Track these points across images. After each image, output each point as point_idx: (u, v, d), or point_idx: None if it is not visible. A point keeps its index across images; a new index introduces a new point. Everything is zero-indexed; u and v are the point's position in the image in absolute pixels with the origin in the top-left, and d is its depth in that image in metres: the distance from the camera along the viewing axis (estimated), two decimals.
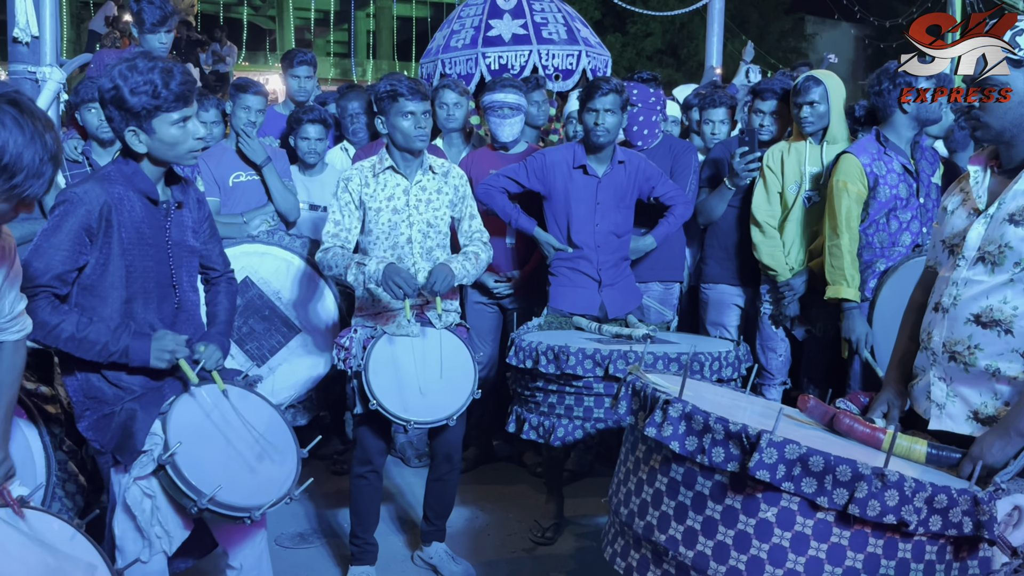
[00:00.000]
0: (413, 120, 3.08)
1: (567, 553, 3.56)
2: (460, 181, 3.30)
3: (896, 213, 3.40)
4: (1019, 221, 1.95)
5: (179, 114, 2.27)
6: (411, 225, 3.18)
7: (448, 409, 3.06)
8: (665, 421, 1.79)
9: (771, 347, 3.90)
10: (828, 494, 1.61)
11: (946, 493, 1.61)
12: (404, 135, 3.10)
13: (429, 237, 3.21)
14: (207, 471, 2.29)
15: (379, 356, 3.04)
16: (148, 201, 2.36)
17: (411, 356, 3.09)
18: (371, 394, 2.98)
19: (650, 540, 1.84)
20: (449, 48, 6.11)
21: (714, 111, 4.37)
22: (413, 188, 3.19)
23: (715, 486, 1.74)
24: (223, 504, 2.29)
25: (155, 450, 2.29)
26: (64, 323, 2.24)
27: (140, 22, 4.19)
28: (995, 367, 1.97)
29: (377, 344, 3.05)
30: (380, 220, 3.16)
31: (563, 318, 3.68)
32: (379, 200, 3.16)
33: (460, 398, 3.09)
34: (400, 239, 3.17)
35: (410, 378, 3.06)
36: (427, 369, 3.09)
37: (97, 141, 3.81)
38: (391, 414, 2.99)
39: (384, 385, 3.01)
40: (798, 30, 23.07)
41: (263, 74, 14.98)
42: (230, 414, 2.45)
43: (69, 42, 10.75)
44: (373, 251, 3.18)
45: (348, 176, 3.18)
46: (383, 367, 3.03)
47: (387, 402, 2.99)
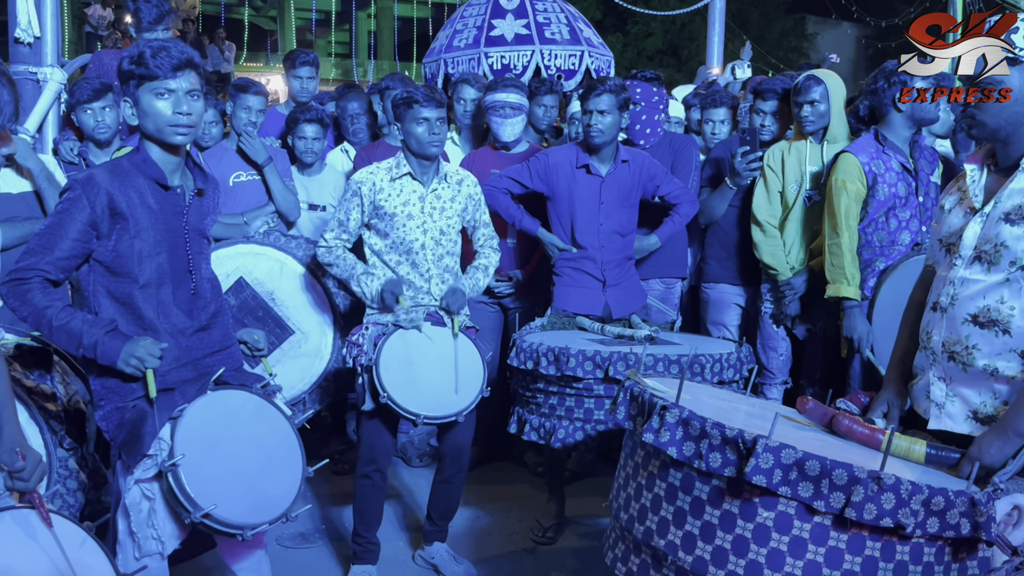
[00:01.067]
0: (427, 126, 3.13)
1: (568, 553, 3.56)
2: (474, 189, 3.37)
3: (895, 212, 3.41)
4: (1014, 220, 1.94)
5: (162, 85, 2.27)
6: (425, 232, 3.22)
7: (457, 406, 3.08)
8: (662, 427, 1.79)
9: (772, 346, 3.91)
10: (825, 498, 1.62)
11: (943, 495, 1.60)
12: (418, 141, 3.14)
13: (441, 244, 3.25)
14: (208, 484, 2.26)
15: (391, 351, 3.06)
16: (159, 187, 2.36)
17: (422, 353, 3.13)
18: (381, 387, 3.00)
19: (649, 545, 1.85)
20: (452, 48, 6.11)
21: (715, 111, 4.37)
22: (429, 196, 3.24)
23: (713, 491, 1.74)
24: (218, 520, 2.26)
25: (159, 455, 2.28)
26: (50, 308, 2.24)
27: (137, 20, 4.20)
28: (993, 367, 1.96)
29: (389, 340, 3.08)
30: (395, 225, 3.20)
31: (566, 318, 3.68)
32: (394, 205, 3.20)
33: (469, 395, 3.12)
34: (414, 245, 3.21)
35: (421, 374, 3.09)
36: (438, 366, 3.12)
37: (94, 142, 3.82)
38: (401, 408, 3.01)
39: (395, 380, 3.03)
40: (799, 30, 23.09)
41: (264, 74, 15.00)
42: (242, 426, 2.41)
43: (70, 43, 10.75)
44: (386, 256, 3.23)
45: (362, 180, 3.21)
46: (394, 362, 3.06)
47: (398, 396, 3.01)
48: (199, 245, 2.48)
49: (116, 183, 2.30)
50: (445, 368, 3.13)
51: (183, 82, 2.30)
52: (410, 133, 3.15)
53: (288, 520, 2.43)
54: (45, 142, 4.36)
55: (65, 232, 2.24)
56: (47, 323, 2.25)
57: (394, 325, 3.14)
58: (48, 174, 3.41)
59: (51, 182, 3.41)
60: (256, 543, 2.58)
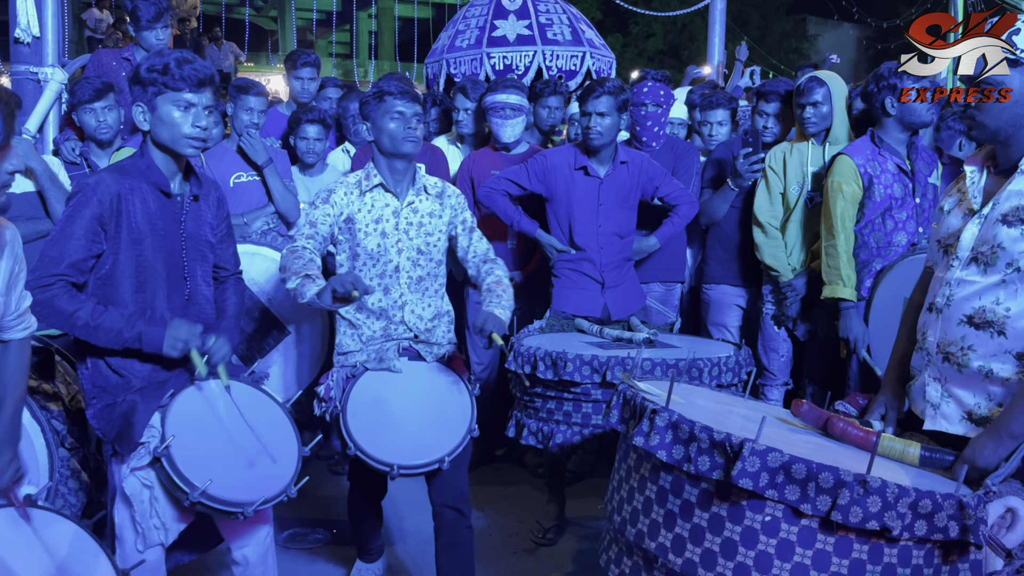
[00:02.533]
0: (402, 121, 2.81)
1: (568, 554, 3.57)
2: (457, 200, 3.01)
3: (891, 213, 3.42)
4: (1012, 222, 1.95)
5: (183, 97, 2.31)
6: (399, 252, 2.88)
7: (440, 450, 2.73)
8: (652, 430, 1.80)
9: (773, 347, 3.91)
10: (811, 501, 1.62)
11: (930, 498, 1.61)
12: (391, 137, 2.82)
13: (419, 265, 2.91)
14: (201, 465, 2.30)
15: (360, 395, 2.77)
16: (161, 194, 2.40)
17: (397, 393, 2.81)
18: (349, 438, 2.69)
19: (641, 547, 1.86)
20: (454, 48, 6.12)
21: (713, 112, 4.38)
22: (404, 210, 2.90)
23: (701, 494, 1.75)
24: (215, 498, 2.30)
25: (152, 442, 2.33)
26: (80, 311, 2.28)
27: (136, 19, 4.21)
28: (988, 368, 1.97)
29: (358, 382, 2.79)
30: (367, 245, 2.85)
31: (565, 320, 3.68)
32: (366, 222, 2.86)
33: (455, 437, 2.77)
34: (387, 267, 2.87)
35: (396, 417, 2.77)
36: (416, 406, 2.81)
37: (95, 142, 3.83)
38: (372, 459, 2.69)
39: (363, 426, 2.71)
40: (800, 31, 23.09)
41: (265, 75, 15.02)
42: (232, 409, 2.46)
43: (71, 43, 10.77)
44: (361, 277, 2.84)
45: (332, 188, 2.88)
46: (364, 407, 2.75)
47: (367, 444, 2.70)
48: (196, 251, 2.50)
49: (125, 184, 2.34)
50: (425, 408, 2.80)
51: (203, 97, 2.35)
52: (382, 130, 2.83)
53: (288, 498, 2.47)
54: (46, 142, 4.38)
55: (75, 232, 2.28)
56: (81, 325, 2.29)
57: (363, 366, 2.85)
58: (51, 174, 3.43)
59: (54, 182, 3.43)
60: (261, 520, 2.61)
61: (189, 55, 2.35)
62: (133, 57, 4.40)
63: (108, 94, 3.78)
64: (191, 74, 2.31)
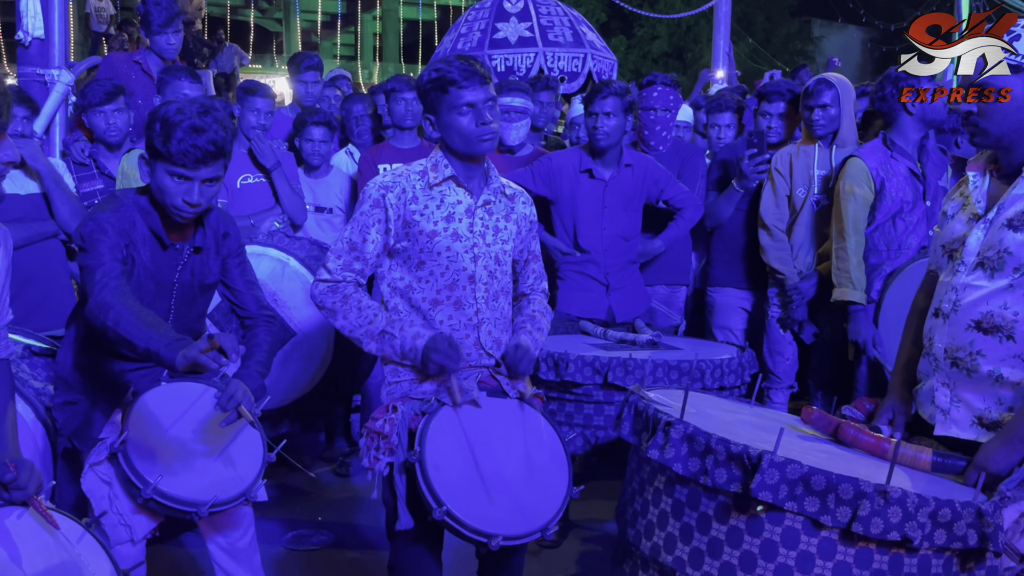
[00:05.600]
0: (474, 114, 2.22)
1: (572, 556, 3.55)
2: (530, 209, 2.47)
3: (903, 216, 3.41)
4: (1018, 226, 1.94)
5: (177, 170, 2.19)
6: (476, 259, 2.30)
7: (543, 514, 2.14)
8: (667, 443, 1.79)
9: (779, 351, 3.89)
10: (831, 513, 1.61)
11: (950, 507, 1.60)
12: (463, 136, 2.23)
13: (496, 278, 2.34)
14: (156, 462, 2.25)
15: (439, 439, 2.13)
16: (158, 241, 2.34)
17: (482, 438, 2.21)
18: (434, 497, 2.04)
19: (657, 561, 1.84)
20: (457, 51, 6.13)
21: (720, 115, 4.37)
22: (479, 209, 2.33)
23: (719, 507, 1.73)
24: (168, 496, 2.23)
25: (110, 437, 2.31)
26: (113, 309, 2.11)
27: (147, 23, 4.22)
28: (998, 373, 1.96)
29: (434, 421, 2.16)
30: (436, 248, 2.28)
31: (569, 322, 3.68)
32: (435, 219, 2.28)
33: (555, 497, 2.19)
34: (461, 276, 2.29)
35: (488, 471, 2.15)
36: (508, 457, 2.21)
37: (104, 144, 3.83)
38: (467, 527, 2.04)
39: (451, 482, 2.08)
40: (805, 33, 23.08)
41: (269, 76, 15.05)
42: (196, 412, 2.40)
43: (77, 44, 10.80)
44: (417, 296, 2.30)
45: (387, 185, 2.27)
46: (447, 456, 2.13)
47: (460, 509, 2.04)
48: (187, 296, 2.45)
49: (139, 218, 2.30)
50: (516, 458, 2.21)
51: (204, 172, 2.22)
52: (449, 126, 2.24)
53: (249, 502, 2.42)
54: (52, 144, 4.38)
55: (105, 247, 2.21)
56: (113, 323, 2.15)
57: (437, 401, 2.23)
58: (57, 176, 3.43)
59: (59, 185, 3.42)
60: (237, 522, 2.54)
61: (201, 123, 2.16)
62: (144, 61, 4.41)
63: (118, 97, 3.78)
64: (192, 154, 2.15)
